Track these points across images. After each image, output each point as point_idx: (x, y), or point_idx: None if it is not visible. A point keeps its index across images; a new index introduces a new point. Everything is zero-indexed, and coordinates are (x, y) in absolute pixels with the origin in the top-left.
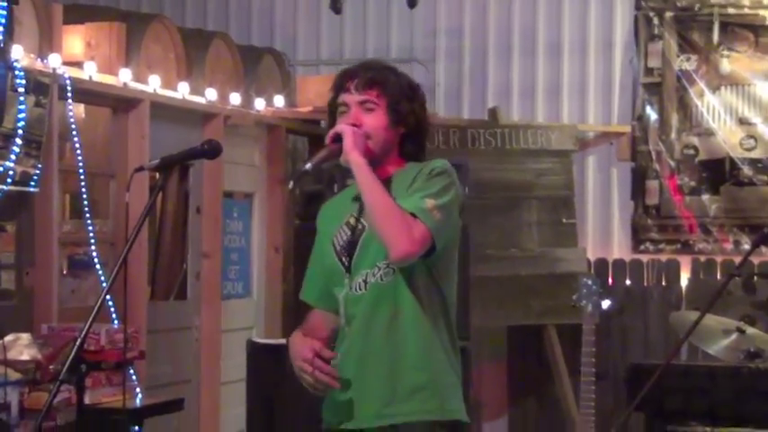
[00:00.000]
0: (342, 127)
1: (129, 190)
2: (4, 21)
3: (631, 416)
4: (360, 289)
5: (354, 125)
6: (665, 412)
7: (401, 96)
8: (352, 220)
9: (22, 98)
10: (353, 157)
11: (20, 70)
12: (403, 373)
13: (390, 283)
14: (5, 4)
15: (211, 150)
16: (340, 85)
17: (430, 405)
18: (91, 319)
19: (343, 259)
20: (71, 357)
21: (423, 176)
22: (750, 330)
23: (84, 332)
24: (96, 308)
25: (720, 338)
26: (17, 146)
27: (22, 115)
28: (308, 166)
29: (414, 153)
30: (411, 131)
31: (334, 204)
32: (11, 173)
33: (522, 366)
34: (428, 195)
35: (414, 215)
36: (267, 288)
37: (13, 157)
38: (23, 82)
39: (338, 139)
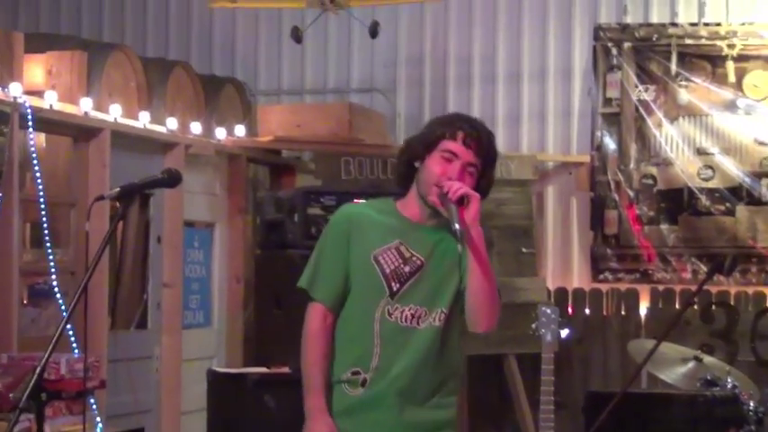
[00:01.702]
0: (473, 194)
1: (89, 219)
2: None
3: None
4: (406, 321)
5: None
6: None
7: (493, 170)
8: (405, 251)
9: None
10: (476, 230)
11: None
12: (441, 404)
13: (443, 327)
14: None
15: (171, 179)
16: (457, 134)
17: None
18: (51, 348)
19: (393, 284)
20: (30, 386)
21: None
22: (707, 359)
23: (43, 361)
24: (56, 337)
25: (678, 366)
26: None
27: None
28: (457, 226)
29: None
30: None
31: (368, 218)
32: None
33: (483, 396)
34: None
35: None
36: (228, 318)
37: None
38: None
39: (462, 199)
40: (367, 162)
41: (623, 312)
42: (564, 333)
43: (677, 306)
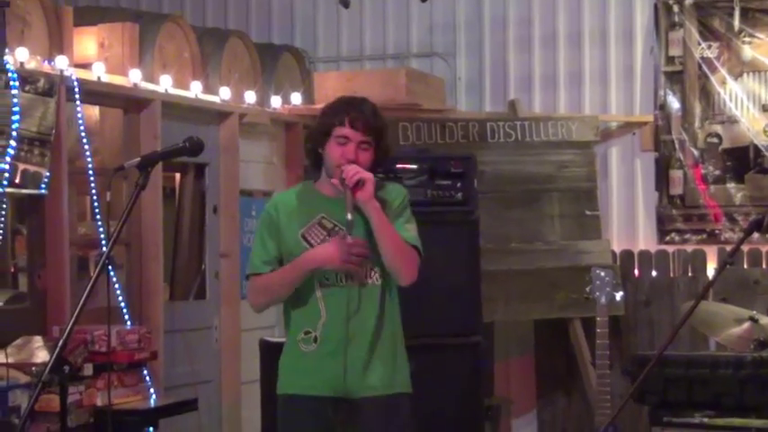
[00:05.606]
0: (367, 175)
1: (111, 189)
2: None
3: (630, 407)
4: (341, 281)
5: (352, 161)
6: (668, 403)
7: (386, 139)
8: (327, 223)
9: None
10: (373, 204)
11: (12, 72)
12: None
13: (379, 286)
14: None
15: (192, 147)
16: (344, 118)
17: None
18: (72, 321)
19: None
20: (52, 359)
21: (398, 206)
22: (764, 320)
23: (65, 335)
24: (78, 309)
25: (731, 327)
26: (14, 147)
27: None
28: (350, 216)
29: None
30: (377, 163)
31: (292, 202)
32: (6, 174)
33: (550, 360)
34: (408, 222)
35: (414, 246)
36: None
37: (8, 158)
38: (16, 83)
39: (358, 182)
40: (425, 127)
41: (690, 274)
42: (618, 296)
43: (745, 266)
